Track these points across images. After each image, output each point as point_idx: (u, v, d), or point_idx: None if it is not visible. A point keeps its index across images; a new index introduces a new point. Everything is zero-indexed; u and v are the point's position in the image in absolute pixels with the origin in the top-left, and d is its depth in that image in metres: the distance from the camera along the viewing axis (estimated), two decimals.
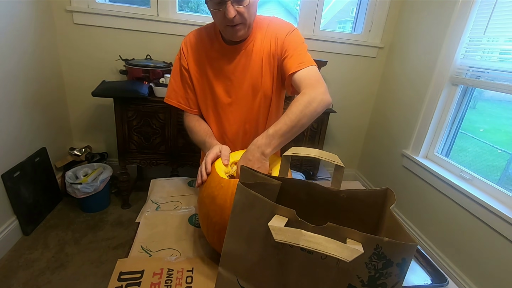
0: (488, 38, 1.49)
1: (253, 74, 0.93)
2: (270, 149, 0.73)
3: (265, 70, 0.92)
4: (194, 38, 0.96)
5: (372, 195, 0.50)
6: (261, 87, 0.94)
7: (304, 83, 0.81)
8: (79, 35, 1.90)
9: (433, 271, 0.76)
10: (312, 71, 0.84)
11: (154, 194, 1.01)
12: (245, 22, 0.83)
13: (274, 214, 0.41)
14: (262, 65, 0.92)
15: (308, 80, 0.81)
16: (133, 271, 0.67)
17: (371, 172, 2.41)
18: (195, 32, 0.97)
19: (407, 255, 0.36)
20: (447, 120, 1.72)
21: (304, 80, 0.81)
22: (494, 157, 1.59)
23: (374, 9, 2.11)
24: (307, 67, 0.84)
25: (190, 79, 0.97)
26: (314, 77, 0.82)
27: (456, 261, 1.54)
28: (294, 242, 0.34)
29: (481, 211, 1.38)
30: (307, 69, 0.84)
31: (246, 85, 0.94)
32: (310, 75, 0.83)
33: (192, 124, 0.99)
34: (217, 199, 0.66)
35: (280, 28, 0.91)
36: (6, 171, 1.47)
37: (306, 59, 0.85)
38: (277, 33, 0.90)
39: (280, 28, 0.91)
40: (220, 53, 0.93)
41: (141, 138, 1.79)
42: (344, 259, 0.32)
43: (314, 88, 0.78)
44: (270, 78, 0.94)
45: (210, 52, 0.94)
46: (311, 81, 0.81)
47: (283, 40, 0.89)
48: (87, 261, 1.49)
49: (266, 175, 0.51)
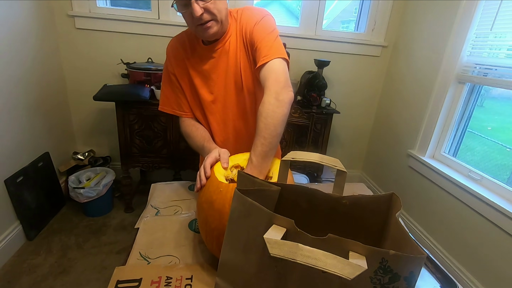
0: (495, 34, 1.45)
1: (234, 71, 0.90)
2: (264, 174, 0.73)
3: (244, 65, 0.89)
4: (176, 43, 0.95)
5: (376, 201, 0.48)
6: (243, 84, 0.91)
7: (264, 84, 0.78)
8: (81, 39, 1.90)
9: (442, 277, 0.72)
10: (272, 67, 0.79)
11: (154, 198, 0.99)
12: (215, 19, 0.80)
13: (272, 224, 0.39)
14: (240, 60, 0.89)
15: (266, 81, 0.77)
16: (130, 280, 0.65)
17: (376, 173, 2.37)
18: (177, 37, 0.96)
19: (415, 268, 0.34)
20: (454, 119, 1.68)
21: (264, 81, 0.78)
22: (503, 156, 1.55)
23: (377, 7, 2.08)
24: (268, 61, 0.79)
25: (178, 83, 0.96)
26: (273, 75, 0.77)
27: (466, 264, 1.49)
28: (291, 258, 0.32)
29: (491, 212, 1.34)
30: (269, 65, 0.79)
31: (228, 83, 0.92)
32: (269, 73, 0.78)
33: (188, 130, 0.97)
34: (215, 204, 0.64)
35: (248, 19, 0.86)
36: (9, 176, 1.47)
37: (271, 51, 0.80)
38: (246, 25, 0.86)
39: (249, 19, 0.86)
40: (200, 54, 0.92)
41: (143, 141, 1.78)
42: (345, 277, 0.30)
43: (271, 91, 0.75)
44: (250, 73, 0.90)
45: (192, 55, 0.93)
46: (269, 81, 0.77)
47: (252, 32, 0.84)
48: (89, 266, 1.48)
49: (265, 181, 0.48)
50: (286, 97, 0.76)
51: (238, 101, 0.94)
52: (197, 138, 0.94)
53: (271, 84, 0.76)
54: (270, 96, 0.75)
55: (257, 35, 0.83)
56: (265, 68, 0.79)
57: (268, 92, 0.76)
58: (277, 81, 0.76)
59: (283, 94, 0.75)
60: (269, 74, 0.78)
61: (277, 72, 0.78)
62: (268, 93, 0.75)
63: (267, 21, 0.86)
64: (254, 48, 0.84)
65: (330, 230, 0.41)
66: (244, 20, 0.87)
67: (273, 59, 0.79)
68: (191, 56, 0.93)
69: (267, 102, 0.74)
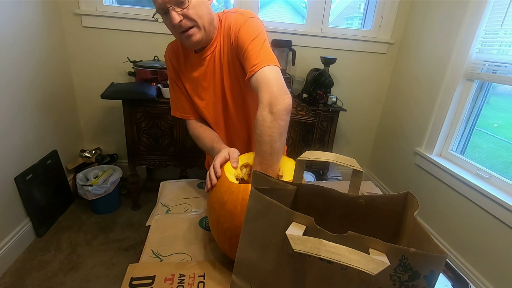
0: (506, 30, 1.43)
1: (219, 77, 0.89)
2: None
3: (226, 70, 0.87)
4: (171, 50, 0.95)
5: (392, 200, 0.48)
6: (225, 89, 0.90)
7: (258, 95, 0.72)
8: (88, 37, 1.91)
9: (454, 276, 0.72)
10: (263, 75, 0.73)
11: (164, 196, 1.00)
12: (196, 25, 0.77)
13: (291, 222, 0.39)
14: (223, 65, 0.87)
15: (259, 92, 0.72)
16: (144, 277, 0.66)
17: (382, 171, 2.36)
18: (172, 44, 0.95)
19: (436, 267, 0.34)
20: (462, 117, 1.67)
21: (257, 91, 0.73)
22: (509, 153, 1.53)
23: (384, 4, 2.06)
24: (258, 70, 0.74)
25: (178, 87, 0.97)
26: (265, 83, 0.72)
27: (475, 264, 1.48)
28: (315, 253, 0.32)
29: (501, 211, 1.33)
30: (258, 74, 0.73)
31: (216, 89, 0.91)
32: (260, 83, 0.73)
33: (196, 132, 0.98)
34: (227, 204, 0.64)
35: (233, 24, 0.81)
36: (19, 174, 1.49)
37: (258, 59, 0.74)
38: (230, 30, 0.82)
39: (233, 23, 0.81)
40: (192, 62, 0.91)
41: (150, 139, 1.79)
42: (369, 272, 0.30)
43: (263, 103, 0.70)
44: (235, 77, 0.88)
45: (184, 62, 0.93)
46: (261, 92, 0.71)
47: (237, 37, 0.79)
48: (98, 262, 1.49)
49: (281, 180, 0.49)
50: (280, 107, 0.69)
51: (223, 107, 0.94)
52: (206, 140, 0.94)
53: (263, 95, 0.71)
54: (263, 109, 0.70)
55: (242, 41, 0.78)
56: (255, 78, 0.74)
57: (260, 105, 0.70)
58: (268, 91, 0.70)
59: (277, 104, 0.69)
60: (260, 85, 0.72)
61: (268, 81, 0.72)
62: (261, 106, 0.70)
63: (252, 24, 0.79)
64: (241, 55, 0.79)
65: (345, 229, 0.41)
66: (227, 24, 0.83)
67: (261, 67, 0.74)
68: (183, 64, 0.93)
69: (260, 117, 0.70)
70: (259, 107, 0.71)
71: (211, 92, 0.92)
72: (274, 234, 0.42)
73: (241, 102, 0.93)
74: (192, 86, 0.94)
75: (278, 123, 0.69)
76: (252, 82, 0.75)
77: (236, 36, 0.80)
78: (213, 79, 0.90)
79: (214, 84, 0.91)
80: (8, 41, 1.40)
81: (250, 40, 0.77)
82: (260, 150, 0.71)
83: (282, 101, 0.70)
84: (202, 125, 0.99)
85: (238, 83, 0.89)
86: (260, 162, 0.71)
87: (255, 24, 0.80)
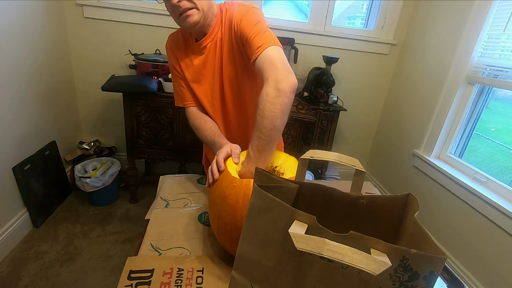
0: (508, 35, 1.43)
1: (219, 66, 0.90)
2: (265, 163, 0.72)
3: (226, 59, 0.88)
4: (172, 39, 0.95)
5: (393, 201, 0.48)
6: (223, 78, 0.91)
7: (262, 74, 0.73)
8: (89, 29, 1.89)
9: (449, 278, 0.73)
10: (268, 55, 0.74)
11: (163, 191, 1.00)
12: (195, 7, 0.78)
13: (293, 220, 0.40)
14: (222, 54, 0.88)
15: (263, 72, 0.73)
16: (143, 270, 0.67)
17: (380, 171, 2.37)
18: (173, 34, 0.96)
19: (436, 268, 0.34)
20: (461, 120, 1.68)
21: (261, 71, 0.74)
22: (506, 158, 1.55)
23: (387, 4, 2.05)
24: (262, 51, 0.74)
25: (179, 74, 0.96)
26: (270, 63, 0.73)
27: (470, 266, 1.50)
28: (317, 252, 0.32)
29: (497, 215, 1.34)
30: (263, 55, 0.74)
31: (215, 78, 0.92)
32: (265, 63, 0.73)
33: (197, 123, 0.97)
34: (228, 199, 0.65)
35: (235, 14, 0.83)
36: (17, 164, 1.48)
37: (263, 41, 0.76)
38: (232, 20, 0.83)
39: (236, 13, 0.83)
40: (193, 50, 0.92)
41: (150, 133, 1.79)
42: (371, 273, 0.30)
43: (269, 81, 0.70)
44: (233, 68, 0.88)
45: (185, 51, 0.93)
46: (266, 71, 0.72)
47: (238, 27, 0.81)
48: (95, 254, 1.50)
49: (282, 178, 0.49)
50: (286, 85, 0.70)
51: (220, 95, 0.95)
52: (207, 132, 0.94)
53: (269, 73, 0.71)
54: (268, 86, 0.70)
55: (245, 29, 0.79)
56: (260, 58, 0.74)
57: (266, 83, 0.71)
58: (274, 68, 0.71)
59: (283, 81, 0.70)
60: (265, 64, 0.73)
61: (273, 59, 0.73)
62: (267, 84, 0.71)
63: (254, 13, 0.82)
64: (245, 42, 0.80)
65: (346, 228, 0.42)
66: (229, 14, 0.85)
67: (266, 48, 0.75)
68: (183, 52, 0.93)
69: (264, 92, 0.70)
70: (265, 85, 0.71)
71: (210, 79, 0.93)
72: (276, 231, 0.42)
73: (237, 92, 0.93)
74: (192, 74, 0.94)
75: (282, 100, 0.69)
76: (257, 64, 0.75)
77: (238, 25, 0.81)
78: (213, 67, 0.91)
79: (213, 72, 0.92)
80: (9, 31, 1.38)
81: (253, 25, 0.79)
82: (260, 126, 0.70)
83: (288, 79, 0.70)
84: (203, 115, 0.98)
85: (236, 73, 0.90)
86: (259, 138, 0.70)
87: (257, 13, 0.82)
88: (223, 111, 0.98)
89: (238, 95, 0.94)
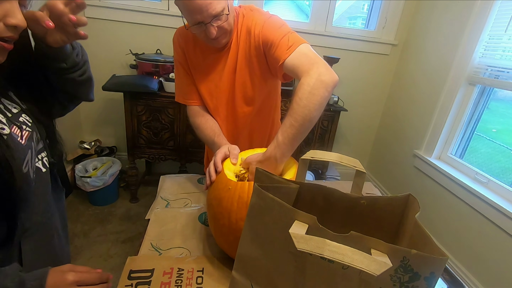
0: (510, 36, 1.43)
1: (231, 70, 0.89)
2: (285, 158, 0.70)
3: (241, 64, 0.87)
4: (180, 34, 0.93)
5: (394, 202, 0.48)
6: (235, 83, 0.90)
7: (299, 70, 0.72)
8: (90, 28, 1.89)
9: (450, 279, 0.73)
10: (303, 52, 0.74)
11: (164, 190, 1.00)
12: (226, 32, 0.80)
13: (293, 220, 0.39)
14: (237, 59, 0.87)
15: (302, 66, 0.72)
16: (143, 270, 0.67)
17: (381, 172, 2.37)
18: (182, 30, 0.93)
19: (436, 269, 0.34)
20: (462, 121, 1.67)
21: (298, 67, 0.72)
22: (506, 158, 1.55)
23: (388, 5, 2.05)
24: (295, 49, 0.74)
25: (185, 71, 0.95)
26: (307, 59, 0.72)
27: (471, 267, 1.50)
28: (318, 252, 0.32)
29: (497, 215, 1.34)
30: (297, 53, 0.74)
31: (224, 80, 0.90)
32: (302, 58, 0.73)
33: (198, 121, 0.96)
34: (223, 201, 0.64)
35: (254, 22, 0.82)
36: None
37: (293, 41, 0.75)
38: (250, 27, 0.82)
39: (255, 21, 0.82)
40: (202, 49, 0.90)
41: (150, 133, 1.79)
42: (372, 273, 0.30)
43: (310, 73, 0.69)
44: (249, 77, 0.88)
45: (193, 48, 0.91)
46: (306, 65, 0.71)
47: (260, 33, 0.80)
48: (96, 254, 1.50)
49: (283, 179, 0.49)
50: (330, 78, 0.69)
51: (230, 99, 0.93)
52: (207, 131, 0.93)
53: (309, 66, 0.70)
54: (310, 77, 0.68)
55: (269, 32, 0.79)
56: (294, 56, 0.73)
57: (307, 74, 0.69)
58: (314, 62, 0.71)
59: (327, 75, 0.69)
60: (301, 59, 0.72)
61: (310, 55, 0.73)
62: (307, 75, 0.69)
63: (275, 18, 0.82)
64: (269, 47, 0.79)
65: (346, 229, 0.42)
66: (247, 20, 0.84)
67: (298, 46, 0.74)
68: (192, 48, 0.91)
69: (305, 83, 0.68)
70: (305, 77, 0.69)
71: (218, 80, 0.92)
72: (276, 232, 0.42)
73: (248, 97, 0.92)
74: (199, 72, 0.93)
75: (323, 92, 0.67)
76: (290, 62, 0.74)
77: (260, 32, 0.80)
78: (224, 69, 0.90)
79: (224, 74, 0.90)
80: None
81: (277, 28, 0.79)
82: (295, 113, 0.67)
83: (331, 74, 0.70)
84: (204, 114, 0.97)
85: (251, 77, 0.89)
86: (292, 125, 0.67)
87: (278, 18, 0.83)
88: (228, 114, 0.97)
89: (249, 100, 0.93)
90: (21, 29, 0.42)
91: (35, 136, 0.51)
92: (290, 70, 0.75)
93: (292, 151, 0.70)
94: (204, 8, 0.71)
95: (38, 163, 0.52)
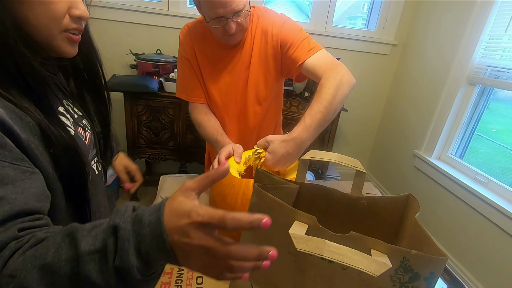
0: (510, 36, 1.43)
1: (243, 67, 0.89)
2: (308, 143, 0.72)
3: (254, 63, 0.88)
4: (189, 30, 0.92)
5: (394, 202, 0.48)
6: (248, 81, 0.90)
7: (322, 68, 0.77)
8: (90, 28, 1.89)
9: (450, 279, 0.73)
10: (325, 54, 0.81)
11: (164, 190, 1.00)
12: (243, 29, 0.82)
13: (293, 220, 0.39)
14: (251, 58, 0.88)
15: (325, 65, 0.78)
16: None
17: (381, 172, 2.37)
18: (193, 26, 0.92)
19: (436, 269, 0.34)
20: (462, 121, 1.67)
21: (321, 66, 0.78)
22: (507, 159, 1.55)
23: (388, 5, 2.05)
24: (316, 52, 0.80)
25: (192, 68, 0.94)
26: (330, 60, 0.80)
27: (471, 267, 1.49)
28: (318, 253, 0.32)
29: (498, 216, 1.34)
30: (319, 54, 0.80)
31: (235, 77, 0.91)
32: (325, 59, 0.80)
33: (200, 119, 0.95)
34: (227, 198, 0.65)
35: (271, 22, 0.86)
36: None
37: (313, 45, 0.82)
38: (268, 28, 0.85)
39: (272, 22, 0.86)
40: (212, 45, 0.90)
41: (150, 133, 1.79)
42: (372, 274, 0.30)
43: (336, 71, 0.75)
44: (262, 72, 0.89)
45: (203, 44, 0.90)
46: (329, 64, 0.78)
47: (279, 34, 0.84)
48: None
49: (283, 179, 0.49)
50: (351, 79, 0.77)
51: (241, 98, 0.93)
52: (210, 129, 0.93)
53: (334, 66, 0.77)
54: (336, 73, 0.75)
55: (288, 35, 0.83)
56: (315, 58, 0.79)
57: (331, 71, 0.75)
58: (337, 64, 0.78)
59: (350, 75, 0.77)
60: (322, 61, 0.79)
61: (331, 59, 0.80)
62: (333, 72, 0.75)
63: (293, 22, 0.87)
64: (287, 47, 0.83)
65: (346, 229, 0.42)
66: (263, 21, 0.87)
67: (320, 50, 0.81)
68: (202, 47, 0.91)
69: (333, 77, 0.74)
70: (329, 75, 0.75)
71: (228, 78, 0.92)
72: (276, 232, 0.42)
73: (261, 96, 0.93)
74: (208, 69, 0.92)
75: (345, 89, 0.74)
76: (311, 62, 0.79)
77: (278, 32, 0.84)
78: (235, 66, 0.90)
79: (235, 71, 0.90)
80: None
81: (297, 31, 0.84)
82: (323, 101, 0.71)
83: (351, 77, 0.78)
84: (207, 112, 0.97)
85: (265, 76, 0.90)
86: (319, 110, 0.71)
87: (295, 22, 0.87)
88: (239, 113, 0.96)
89: (261, 99, 0.93)
90: (85, 19, 0.44)
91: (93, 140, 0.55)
92: (310, 70, 0.79)
93: (314, 137, 0.73)
94: (229, 3, 0.73)
95: (94, 166, 0.54)
